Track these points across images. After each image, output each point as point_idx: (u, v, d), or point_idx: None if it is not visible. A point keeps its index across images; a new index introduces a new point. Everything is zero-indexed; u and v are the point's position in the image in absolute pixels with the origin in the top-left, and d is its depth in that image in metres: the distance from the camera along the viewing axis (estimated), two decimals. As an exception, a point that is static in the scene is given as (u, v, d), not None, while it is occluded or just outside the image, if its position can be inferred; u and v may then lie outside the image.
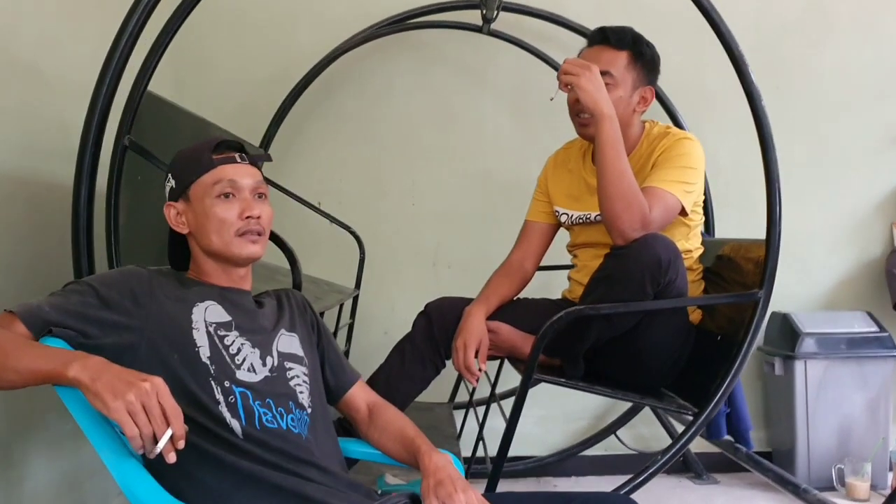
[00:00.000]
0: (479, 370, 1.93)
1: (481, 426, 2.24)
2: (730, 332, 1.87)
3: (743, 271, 1.97)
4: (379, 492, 1.90)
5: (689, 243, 2.02)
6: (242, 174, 1.33)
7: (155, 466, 1.15)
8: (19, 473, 1.78)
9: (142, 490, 1.05)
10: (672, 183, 1.87)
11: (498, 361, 2.21)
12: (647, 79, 1.98)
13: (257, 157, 1.38)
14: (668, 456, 1.82)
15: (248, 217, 1.31)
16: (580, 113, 1.95)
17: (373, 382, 1.95)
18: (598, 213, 1.93)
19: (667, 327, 1.85)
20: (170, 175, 1.38)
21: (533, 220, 2.21)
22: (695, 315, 2.00)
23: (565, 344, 1.86)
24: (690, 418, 1.86)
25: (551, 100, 1.94)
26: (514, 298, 2.15)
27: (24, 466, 1.81)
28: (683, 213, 1.91)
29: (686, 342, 1.93)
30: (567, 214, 2.10)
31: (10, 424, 1.75)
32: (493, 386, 2.26)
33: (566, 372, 1.89)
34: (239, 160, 1.34)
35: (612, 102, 1.85)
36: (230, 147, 1.36)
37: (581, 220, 2.06)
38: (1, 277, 1.71)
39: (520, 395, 1.76)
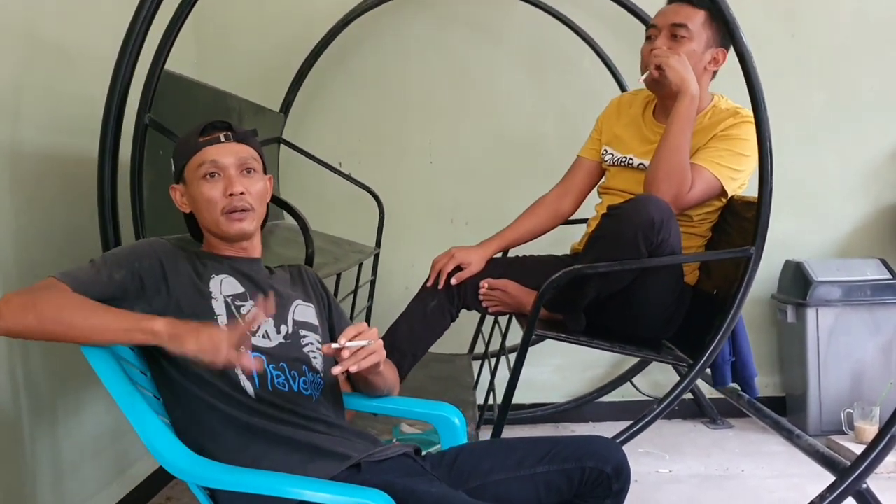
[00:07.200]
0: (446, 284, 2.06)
1: (492, 377, 2.36)
2: (725, 288, 1.92)
3: (744, 230, 2.01)
4: (394, 440, 2.05)
5: (713, 214, 2.07)
6: (225, 153, 1.39)
7: (177, 423, 1.31)
8: (64, 430, 1.94)
9: (163, 445, 1.19)
10: (722, 168, 1.95)
11: (508, 316, 2.31)
12: (721, 40, 2.00)
13: (244, 135, 1.43)
14: (663, 405, 1.90)
15: (230, 194, 1.37)
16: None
17: (395, 330, 2.06)
18: (641, 160, 2.03)
19: (661, 284, 1.91)
20: (172, 160, 1.46)
21: (582, 156, 2.27)
22: (691, 276, 2.06)
23: (566, 300, 1.94)
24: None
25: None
26: (523, 256, 2.25)
27: (68, 423, 1.96)
28: (724, 194, 1.98)
29: (681, 299, 1.99)
30: (612, 155, 2.16)
31: (55, 385, 1.90)
32: (503, 339, 2.37)
33: (568, 326, 1.97)
34: (223, 139, 1.40)
35: (685, 57, 1.94)
36: (216, 128, 1.41)
37: (621, 163, 2.13)
38: (39, 249, 1.84)
39: (521, 350, 1.85)
